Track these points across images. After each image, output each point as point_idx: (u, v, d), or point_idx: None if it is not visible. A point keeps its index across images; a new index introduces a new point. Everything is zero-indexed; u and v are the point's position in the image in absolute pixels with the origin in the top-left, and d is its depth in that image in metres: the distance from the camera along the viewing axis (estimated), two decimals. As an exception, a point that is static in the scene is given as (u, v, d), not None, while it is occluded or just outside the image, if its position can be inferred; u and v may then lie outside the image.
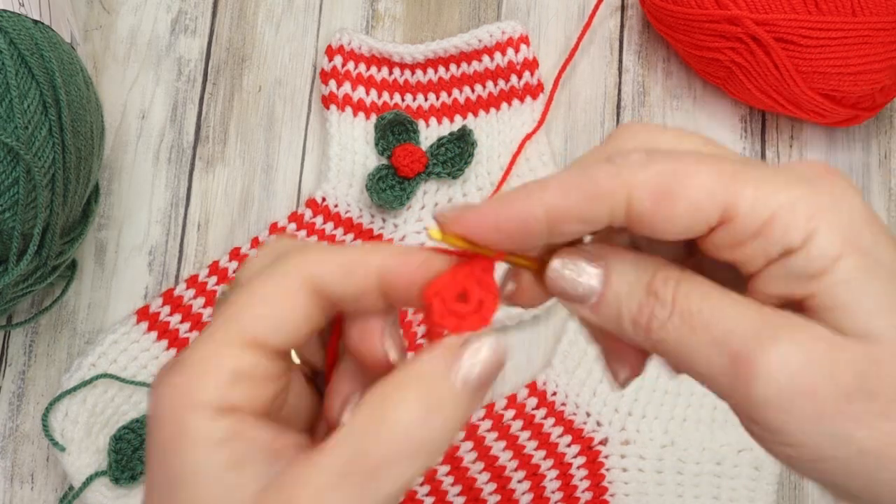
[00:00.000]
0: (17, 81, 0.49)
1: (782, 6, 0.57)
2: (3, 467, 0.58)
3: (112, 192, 0.62)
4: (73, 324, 0.60)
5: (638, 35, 0.67)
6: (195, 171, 0.63)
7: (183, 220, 0.62)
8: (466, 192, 0.62)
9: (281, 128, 0.64)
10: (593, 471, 0.58)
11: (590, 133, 0.65)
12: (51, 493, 0.57)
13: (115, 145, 0.63)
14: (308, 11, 0.66)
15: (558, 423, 0.58)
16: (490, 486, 0.57)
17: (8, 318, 0.60)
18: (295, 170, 0.64)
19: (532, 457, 0.58)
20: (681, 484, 0.58)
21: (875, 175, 0.64)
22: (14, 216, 0.49)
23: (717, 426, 0.59)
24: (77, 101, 0.53)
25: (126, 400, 0.57)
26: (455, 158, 0.61)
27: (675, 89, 0.66)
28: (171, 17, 0.66)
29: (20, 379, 0.59)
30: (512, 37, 0.61)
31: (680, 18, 0.60)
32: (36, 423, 0.58)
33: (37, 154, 0.50)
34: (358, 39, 0.62)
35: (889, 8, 0.58)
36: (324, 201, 0.62)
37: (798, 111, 0.61)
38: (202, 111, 0.64)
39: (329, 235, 0.61)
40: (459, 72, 0.62)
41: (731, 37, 0.59)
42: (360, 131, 0.62)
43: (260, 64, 0.65)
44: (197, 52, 0.65)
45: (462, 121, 0.63)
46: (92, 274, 0.61)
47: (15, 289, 0.52)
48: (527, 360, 0.60)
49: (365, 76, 0.62)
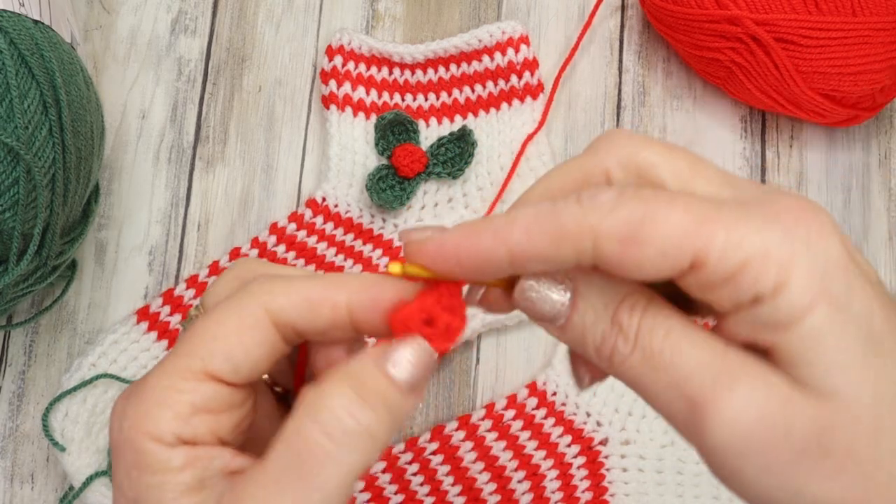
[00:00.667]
0: (17, 81, 0.49)
1: (782, 6, 0.57)
2: (3, 467, 0.58)
3: (112, 192, 0.62)
4: (73, 324, 0.60)
5: (638, 35, 0.67)
6: (195, 171, 0.63)
7: (183, 220, 0.62)
8: (466, 192, 0.62)
9: (281, 128, 0.64)
10: (593, 471, 0.58)
11: (590, 133, 0.65)
12: (51, 493, 0.57)
13: (116, 145, 0.63)
14: (308, 11, 0.66)
15: (558, 423, 0.58)
16: (490, 486, 0.57)
17: (8, 318, 0.60)
18: (295, 170, 0.64)
19: (532, 457, 0.58)
20: (681, 484, 0.58)
21: (875, 175, 0.64)
22: (14, 216, 0.49)
23: (717, 426, 0.59)
24: (77, 101, 0.53)
25: (126, 400, 0.57)
26: (455, 158, 0.61)
27: (675, 89, 0.66)
28: (171, 17, 0.66)
29: (20, 379, 0.59)
30: (512, 37, 0.61)
31: (680, 18, 0.60)
32: (36, 423, 0.58)
33: (37, 154, 0.50)
34: (358, 39, 0.62)
35: (889, 8, 0.58)
36: (324, 201, 0.62)
37: (798, 111, 0.61)
38: (202, 111, 0.64)
39: (329, 235, 0.61)
40: (459, 72, 0.62)
41: (731, 37, 0.59)
42: (360, 131, 0.62)
43: (260, 64, 0.65)
44: (197, 52, 0.65)
45: (462, 121, 0.63)
46: (92, 274, 0.61)
47: (15, 289, 0.52)
48: (527, 360, 0.61)
49: (365, 76, 0.62)
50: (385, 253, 0.61)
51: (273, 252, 0.60)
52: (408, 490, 0.56)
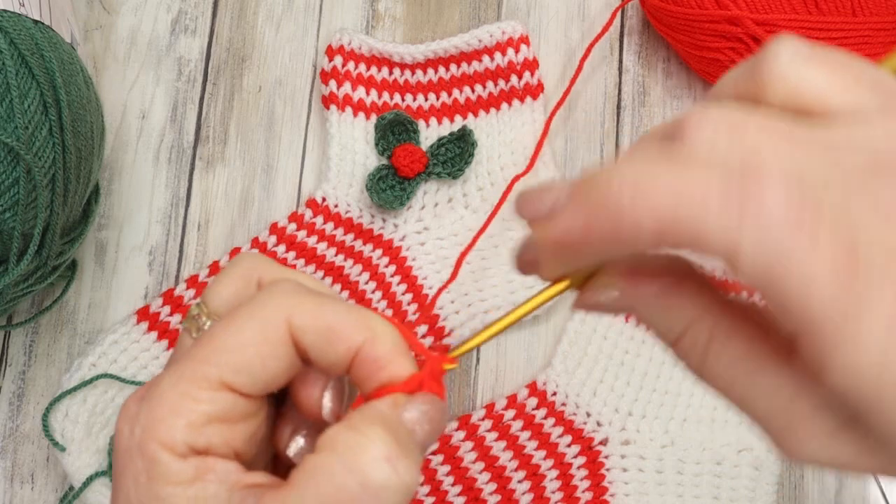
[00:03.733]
0: (17, 81, 0.49)
1: (782, 6, 0.57)
2: (3, 467, 0.58)
3: (112, 192, 0.62)
4: (73, 324, 0.60)
5: (638, 35, 0.67)
6: (195, 171, 0.63)
7: (183, 220, 0.62)
8: (466, 192, 0.62)
9: (281, 128, 0.64)
10: (593, 471, 0.58)
11: (590, 133, 0.65)
12: (51, 493, 0.57)
13: (116, 145, 0.63)
14: (308, 11, 0.66)
15: (558, 423, 0.58)
16: (490, 486, 0.57)
17: (8, 318, 0.60)
18: (295, 170, 0.64)
19: (532, 457, 0.58)
20: (681, 484, 0.58)
21: (875, 175, 0.64)
22: (14, 216, 0.49)
23: (717, 426, 0.59)
24: (77, 101, 0.53)
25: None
26: (455, 158, 0.61)
27: (675, 89, 0.66)
28: (171, 17, 0.66)
29: (20, 379, 0.59)
30: (512, 37, 0.61)
31: (680, 18, 0.60)
32: (36, 423, 0.58)
33: (37, 154, 0.50)
34: (358, 39, 0.62)
35: (889, 8, 0.58)
36: (324, 201, 0.62)
37: (798, 111, 0.61)
38: (202, 111, 0.64)
39: (329, 235, 0.61)
40: (459, 72, 0.62)
41: (732, 37, 0.59)
42: (360, 131, 0.62)
43: (260, 64, 0.65)
44: (197, 52, 0.65)
45: (462, 121, 0.63)
46: (92, 274, 0.61)
47: (15, 289, 0.52)
48: (527, 360, 0.61)
49: (365, 76, 0.62)
50: (385, 253, 0.61)
51: (273, 252, 0.60)
52: (408, 490, 0.56)
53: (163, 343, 0.58)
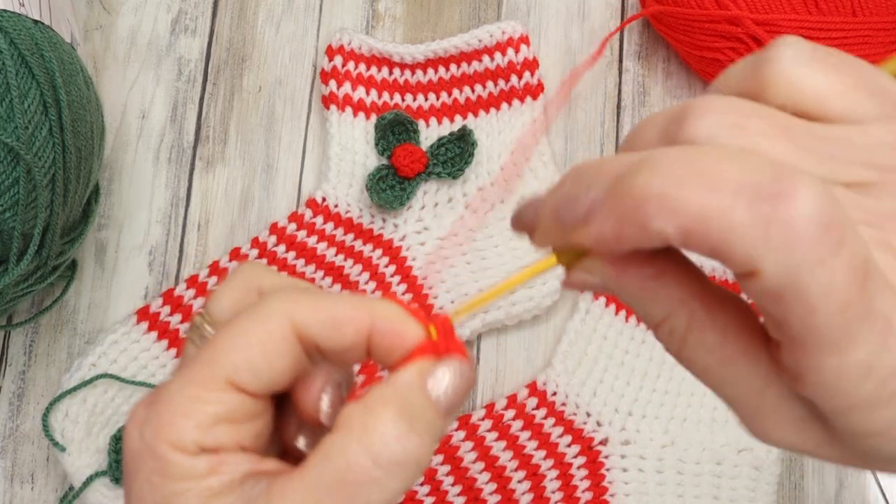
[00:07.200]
0: (17, 81, 0.49)
1: (782, 6, 0.57)
2: (3, 467, 0.58)
3: (112, 192, 0.62)
4: (73, 324, 0.60)
5: (638, 35, 0.67)
6: (195, 171, 0.63)
7: (183, 220, 0.62)
8: (466, 192, 0.62)
9: (281, 128, 0.64)
10: (593, 471, 0.58)
11: (590, 133, 0.65)
12: (51, 493, 0.57)
13: (116, 145, 0.63)
14: (308, 11, 0.66)
15: (558, 423, 0.58)
16: (490, 486, 0.57)
17: (8, 318, 0.60)
18: (295, 170, 0.64)
19: (532, 457, 0.58)
20: (681, 484, 0.58)
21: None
22: (14, 216, 0.49)
23: (717, 426, 0.59)
24: (77, 101, 0.53)
25: (126, 400, 0.57)
26: (455, 158, 0.61)
27: (675, 89, 0.66)
28: (171, 17, 0.66)
29: (20, 379, 0.59)
30: (512, 37, 0.61)
31: (680, 18, 0.60)
32: (36, 423, 0.58)
33: (37, 154, 0.50)
34: (358, 39, 0.62)
35: (889, 8, 0.58)
36: (324, 201, 0.62)
37: (798, 111, 0.61)
38: (202, 111, 0.64)
39: (329, 235, 0.61)
40: (459, 72, 0.62)
41: (732, 37, 0.59)
42: (360, 131, 0.62)
43: (260, 64, 0.65)
44: (197, 52, 0.65)
45: (462, 121, 0.63)
46: (92, 274, 0.61)
47: (15, 289, 0.52)
48: (527, 360, 0.61)
49: (365, 76, 0.62)
50: (385, 253, 0.61)
51: (273, 252, 0.60)
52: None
53: (162, 343, 0.58)
